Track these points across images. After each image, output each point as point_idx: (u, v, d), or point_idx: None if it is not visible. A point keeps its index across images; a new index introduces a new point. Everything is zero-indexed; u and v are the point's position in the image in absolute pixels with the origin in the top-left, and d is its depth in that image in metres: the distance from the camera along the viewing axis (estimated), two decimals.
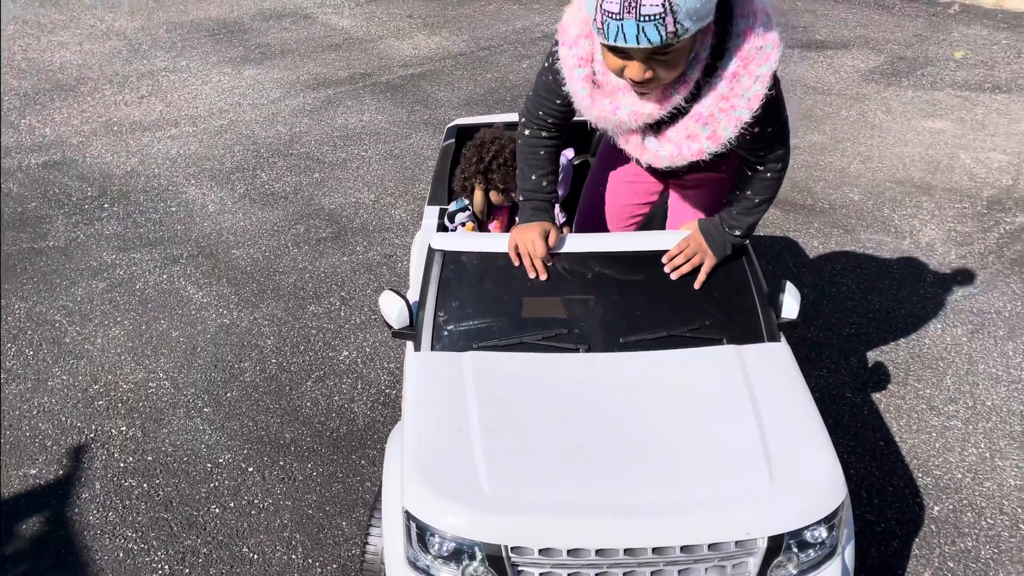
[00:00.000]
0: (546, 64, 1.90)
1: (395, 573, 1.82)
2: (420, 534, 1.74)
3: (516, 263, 2.08)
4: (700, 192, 2.21)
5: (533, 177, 2.10)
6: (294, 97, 5.58)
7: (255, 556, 2.46)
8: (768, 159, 1.92)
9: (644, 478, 1.74)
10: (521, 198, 2.18)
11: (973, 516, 2.56)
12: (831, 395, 3.02)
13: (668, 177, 2.22)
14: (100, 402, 3.05)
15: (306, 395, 3.07)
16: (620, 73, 1.65)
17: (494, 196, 2.72)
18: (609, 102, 1.75)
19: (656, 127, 1.78)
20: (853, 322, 3.41)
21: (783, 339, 2.12)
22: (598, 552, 1.67)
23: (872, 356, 3.22)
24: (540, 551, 1.67)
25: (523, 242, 2.05)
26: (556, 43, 1.81)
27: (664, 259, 2.08)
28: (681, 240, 2.07)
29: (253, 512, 2.60)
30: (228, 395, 3.07)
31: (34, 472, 2.76)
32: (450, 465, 1.77)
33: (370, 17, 7.04)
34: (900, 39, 6.35)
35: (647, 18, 1.48)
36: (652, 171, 2.12)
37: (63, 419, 2.98)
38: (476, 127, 2.97)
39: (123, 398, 3.06)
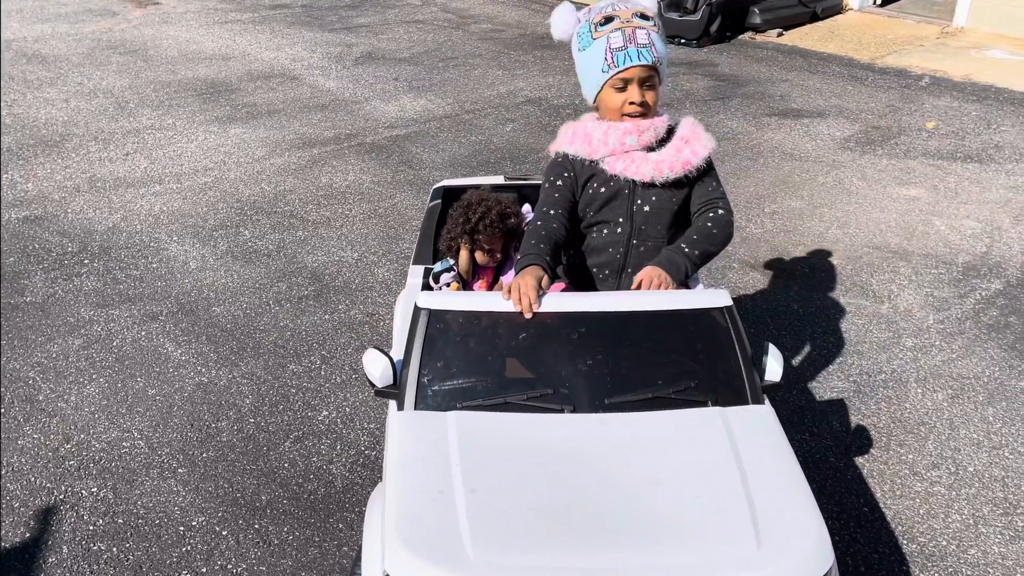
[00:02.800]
0: (551, 165, 2.47)
1: None
2: None
3: (516, 307, 2.08)
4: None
5: (532, 242, 2.30)
6: (279, 156, 5.61)
7: None
8: (719, 200, 2.42)
9: (630, 542, 1.71)
10: (519, 256, 2.29)
11: None
12: (814, 459, 3.01)
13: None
14: (71, 462, 2.97)
15: (284, 456, 3.01)
16: (619, 108, 2.35)
17: (479, 256, 2.73)
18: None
19: (651, 151, 2.43)
20: (834, 386, 3.42)
21: (767, 402, 2.12)
22: None
23: (854, 420, 3.23)
24: None
25: (518, 283, 2.10)
26: (555, 154, 2.47)
27: (632, 288, 2.20)
28: (641, 272, 2.23)
29: None
30: (204, 455, 3.01)
31: None
32: (433, 527, 1.73)
33: (356, 79, 7.15)
34: (874, 109, 6.53)
35: (641, 45, 2.30)
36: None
37: (32, 479, 2.89)
38: (462, 188, 3.00)
39: (95, 458, 2.99)
